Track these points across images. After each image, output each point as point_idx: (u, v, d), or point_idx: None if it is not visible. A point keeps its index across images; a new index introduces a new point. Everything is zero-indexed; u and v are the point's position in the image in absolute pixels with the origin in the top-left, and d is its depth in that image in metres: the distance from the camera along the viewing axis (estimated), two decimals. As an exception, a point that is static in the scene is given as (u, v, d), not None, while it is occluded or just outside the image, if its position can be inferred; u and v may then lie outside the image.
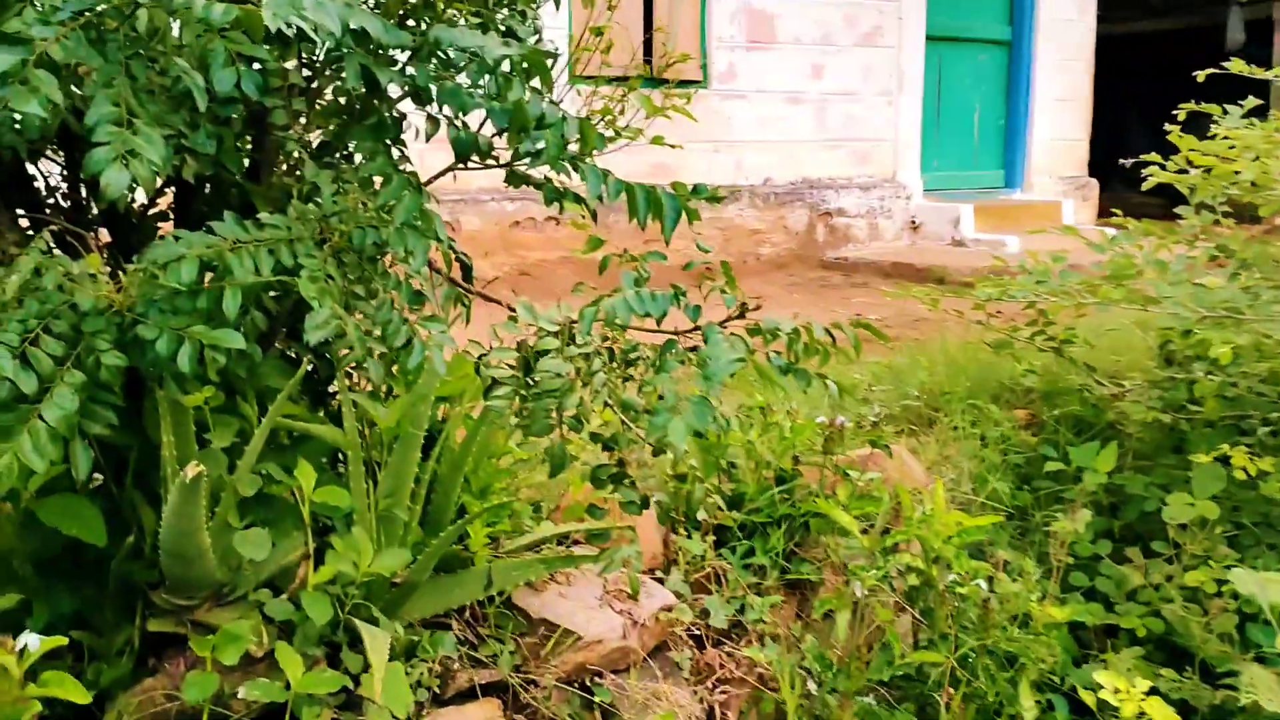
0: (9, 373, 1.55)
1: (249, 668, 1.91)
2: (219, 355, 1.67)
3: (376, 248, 1.85)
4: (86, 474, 1.70)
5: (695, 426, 1.45)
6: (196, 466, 1.67)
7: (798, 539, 2.79)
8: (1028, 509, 3.54)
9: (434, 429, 2.38)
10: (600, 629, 2.30)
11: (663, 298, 1.65)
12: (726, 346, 1.51)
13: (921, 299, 4.07)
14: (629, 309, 1.63)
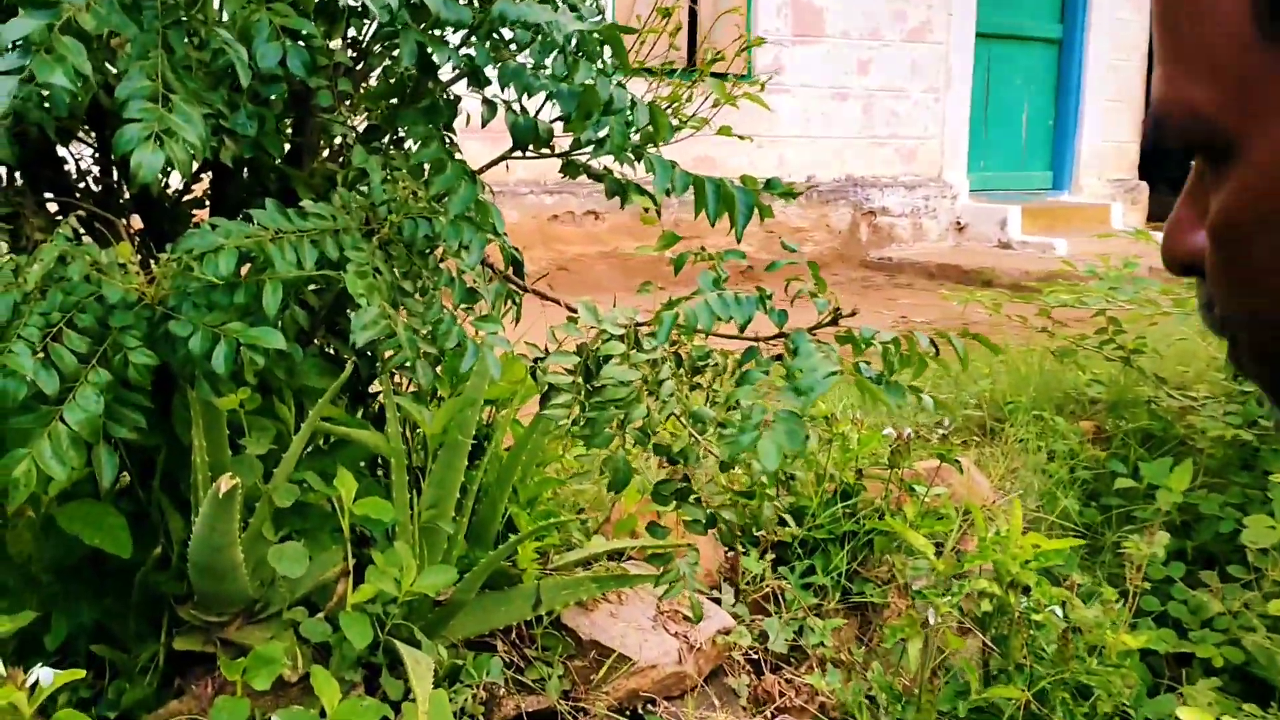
0: (28, 371, 1.41)
1: (281, 692, 1.77)
2: (257, 355, 1.53)
3: (428, 241, 1.70)
4: (112, 481, 1.56)
5: (786, 447, 1.29)
6: (231, 479, 1.53)
7: (861, 558, 2.63)
8: (1096, 527, 3.36)
9: (480, 435, 2.24)
10: (654, 653, 2.15)
11: (748, 301, 1.50)
12: (820, 357, 1.36)
13: (984, 303, 3.89)
14: (710, 313, 1.47)
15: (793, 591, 2.50)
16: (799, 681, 2.37)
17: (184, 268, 1.52)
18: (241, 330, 1.52)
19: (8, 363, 1.41)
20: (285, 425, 1.90)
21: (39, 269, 1.44)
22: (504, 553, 1.94)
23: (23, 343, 1.44)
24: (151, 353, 1.53)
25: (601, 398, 1.62)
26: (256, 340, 1.52)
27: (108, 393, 1.51)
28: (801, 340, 1.43)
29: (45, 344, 1.46)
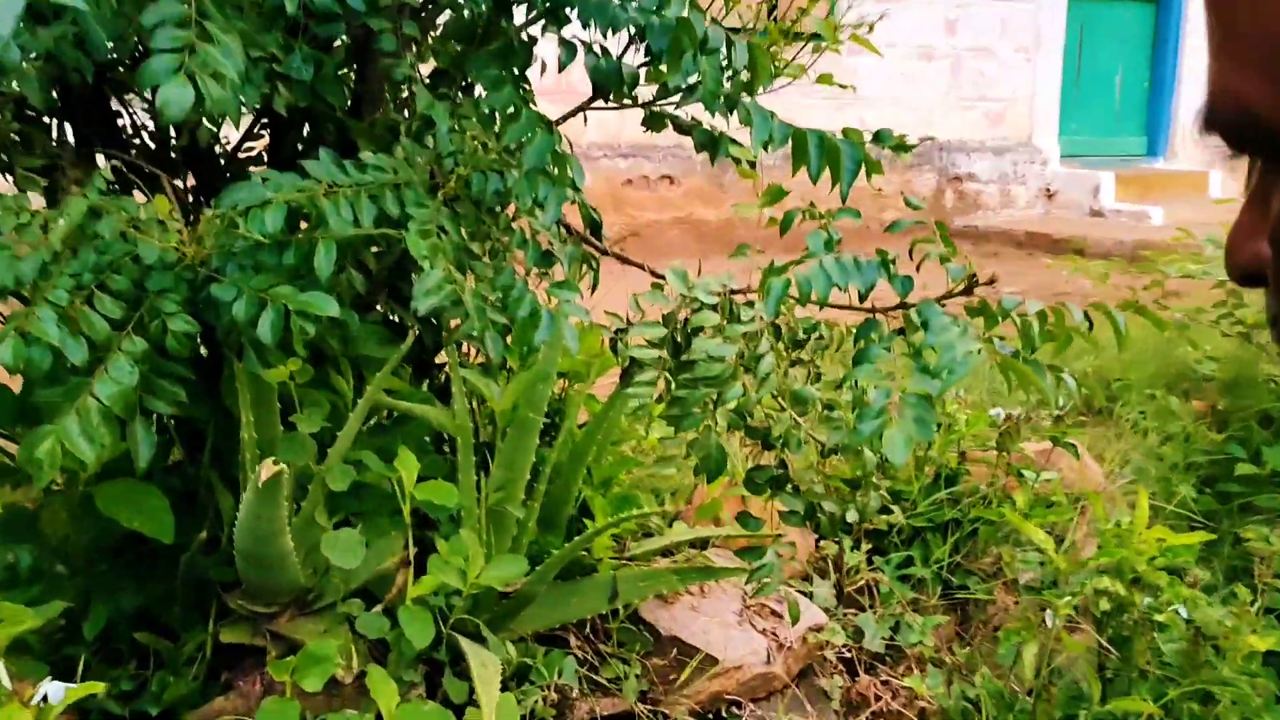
0: (53, 339, 1.26)
1: (335, 691, 1.62)
2: (308, 324, 1.36)
3: (499, 197, 1.52)
4: (148, 462, 1.41)
5: (916, 438, 1.09)
6: (275, 465, 1.37)
7: (963, 549, 2.41)
8: (1214, 516, 3.10)
9: (552, 411, 2.06)
10: (741, 652, 1.97)
11: (869, 265, 1.29)
12: (957, 332, 1.15)
13: (1089, 274, 3.62)
14: (827, 279, 1.27)
15: (889, 584, 2.29)
16: (896, 684, 2.17)
17: (228, 225, 1.35)
18: (291, 295, 1.36)
19: (32, 329, 1.26)
20: (342, 398, 1.74)
21: (65, 224, 1.29)
22: (581, 544, 1.76)
23: (49, 307, 1.28)
24: (192, 319, 1.37)
25: (692, 375, 1.43)
26: (307, 306, 1.35)
27: (143, 363, 1.36)
28: (932, 312, 1.23)
29: (75, 309, 1.30)
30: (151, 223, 1.40)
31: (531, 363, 1.99)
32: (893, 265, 1.30)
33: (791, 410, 1.52)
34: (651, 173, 6.44)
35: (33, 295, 1.31)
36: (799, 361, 1.60)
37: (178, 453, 2.00)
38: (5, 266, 1.27)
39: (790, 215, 1.45)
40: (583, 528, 2.04)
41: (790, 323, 1.59)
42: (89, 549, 1.69)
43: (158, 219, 1.40)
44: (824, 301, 1.29)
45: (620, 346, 1.59)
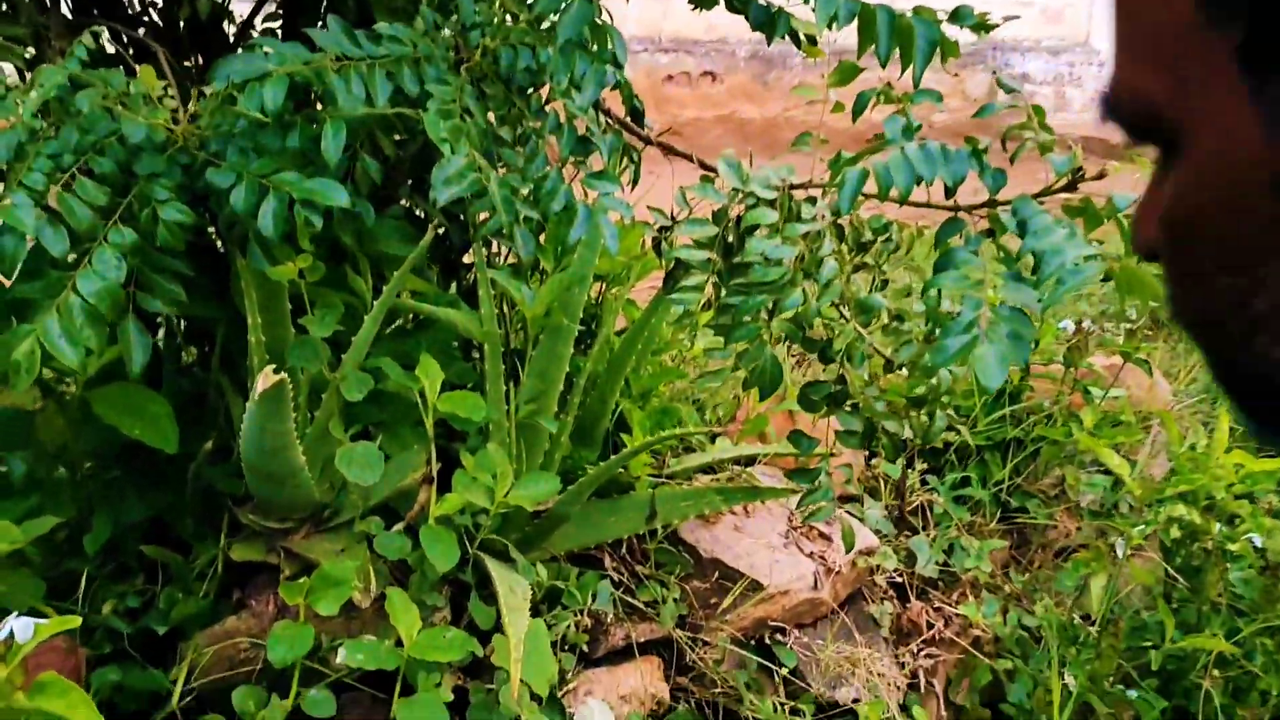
0: (28, 228, 1.11)
1: (353, 614, 1.51)
2: (314, 215, 1.21)
3: (530, 75, 1.35)
4: (142, 366, 1.28)
5: (1012, 359, 0.94)
6: (271, 376, 1.23)
7: (1023, 469, 2.26)
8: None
9: (587, 316, 1.91)
10: (786, 576, 1.84)
11: (958, 155, 1.12)
12: (1063, 235, 0.98)
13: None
14: (910, 170, 1.10)
15: (944, 506, 2.15)
16: (949, 610, 2.05)
17: (223, 100, 1.19)
18: (295, 183, 1.20)
19: (5, 217, 1.12)
20: (360, 300, 1.59)
21: (37, 95, 1.13)
22: (619, 463, 1.63)
23: (24, 191, 1.14)
24: (186, 208, 1.22)
25: (745, 280, 1.27)
26: (312, 195, 1.20)
27: (134, 257, 1.21)
28: (1031, 211, 1.05)
29: (53, 194, 1.16)
30: (138, 99, 1.24)
31: (566, 264, 1.84)
32: (984, 155, 1.13)
33: (855, 321, 1.36)
34: (693, 68, 6.18)
35: (7, 178, 1.17)
36: (863, 266, 1.43)
37: (189, 354, 1.88)
38: (-29, 145, 1.12)
39: (865, 96, 1.27)
40: (619, 442, 1.91)
41: (854, 222, 1.42)
42: (90, 456, 1.57)
43: (145, 94, 1.25)
44: (905, 196, 1.12)
45: (664, 246, 1.43)
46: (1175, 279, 0.46)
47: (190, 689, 1.47)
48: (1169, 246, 0.45)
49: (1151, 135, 0.44)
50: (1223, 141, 0.40)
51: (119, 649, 1.54)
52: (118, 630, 1.54)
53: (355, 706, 1.48)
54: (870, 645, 1.91)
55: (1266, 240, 0.40)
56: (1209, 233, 0.42)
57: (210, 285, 1.61)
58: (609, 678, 1.67)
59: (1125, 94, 0.44)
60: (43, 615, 1.26)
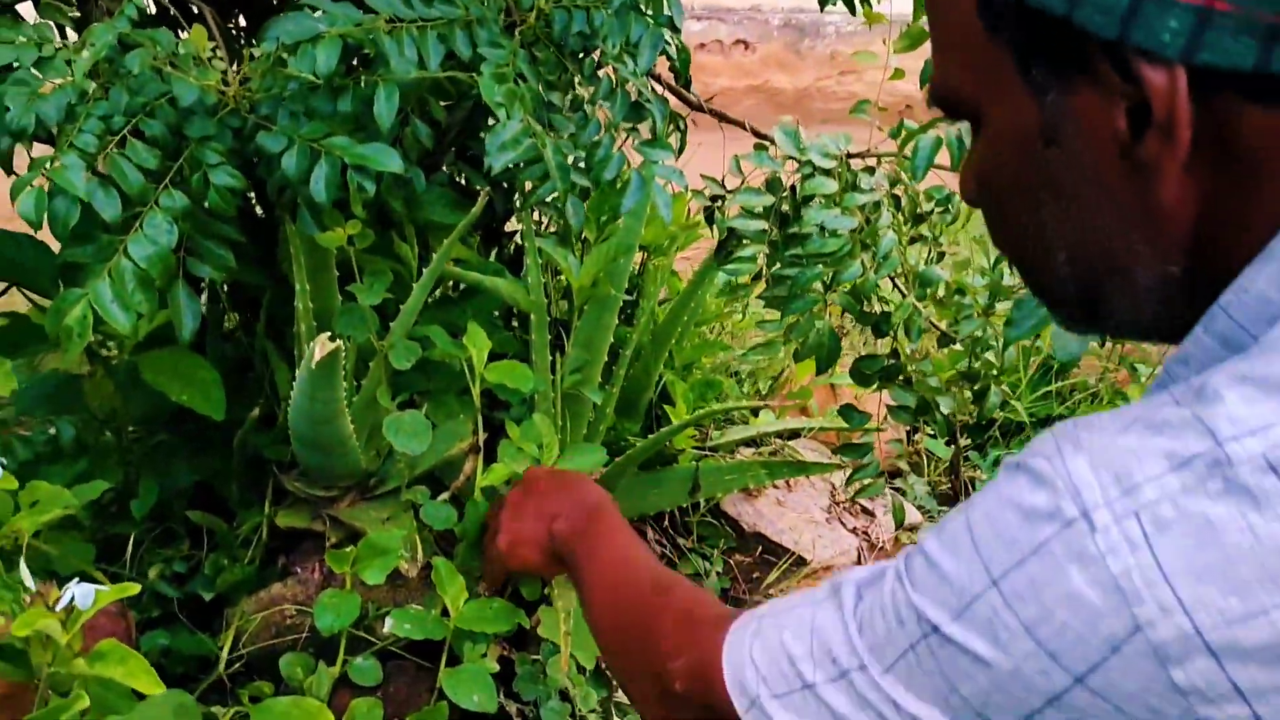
0: (80, 191, 1.10)
1: (399, 582, 1.51)
2: (366, 181, 1.20)
3: (583, 39, 1.32)
4: (192, 333, 1.27)
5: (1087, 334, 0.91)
6: (327, 344, 1.22)
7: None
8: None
9: (630, 287, 1.89)
10: (830, 551, 1.83)
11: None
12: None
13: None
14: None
15: (986, 482, 2.13)
16: (991, 588, 2.03)
17: (274, 62, 1.18)
18: (347, 148, 1.19)
19: (56, 179, 1.11)
20: (406, 268, 1.58)
21: (89, 55, 1.12)
22: (665, 437, 1.61)
23: (75, 153, 1.13)
24: (237, 172, 1.21)
25: (803, 250, 1.25)
26: (365, 160, 1.18)
27: (185, 221, 1.20)
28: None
29: (106, 155, 1.14)
30: (188, 59, 1.22)
31: (609, 232, 1.81)
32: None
33: (912, 294, 1.33)
34: (726, 37, 6.12)
35: (58, 140, 1.15)
36: (919, 238, 1.41)
37: (231, 319, 1.88)
38: (23, 106, 1.11)
39: (931, 66, 1.23)
40: (662, 413, 1.90)
41: (910, 192, 1.40)
42: (138, 421, 1.57)
43: (195, 55, 1.23)
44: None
45: (717, 216, 1.41)
46: (990, 221, 0.60)
47: (237, 655, 1.48)
48: (982, 196, 0.60)
49: (961, 113, 0.58)
50: (1010, 113, 0.54)
51: (165, 613, 1.55)
52: (164, 595, 1.55)
53: (401, 675, 1.48)
54: (912, 621, 1.90)
55: (1042, 178, 0.54)
56: (1005, 181, 0.56)
57: (256, 251, 1.60)
58: (651, 650, 1.66)
59: (940, 84, 0.58)
60: (92, 579, 1.26)
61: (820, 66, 6.47)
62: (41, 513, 1.08)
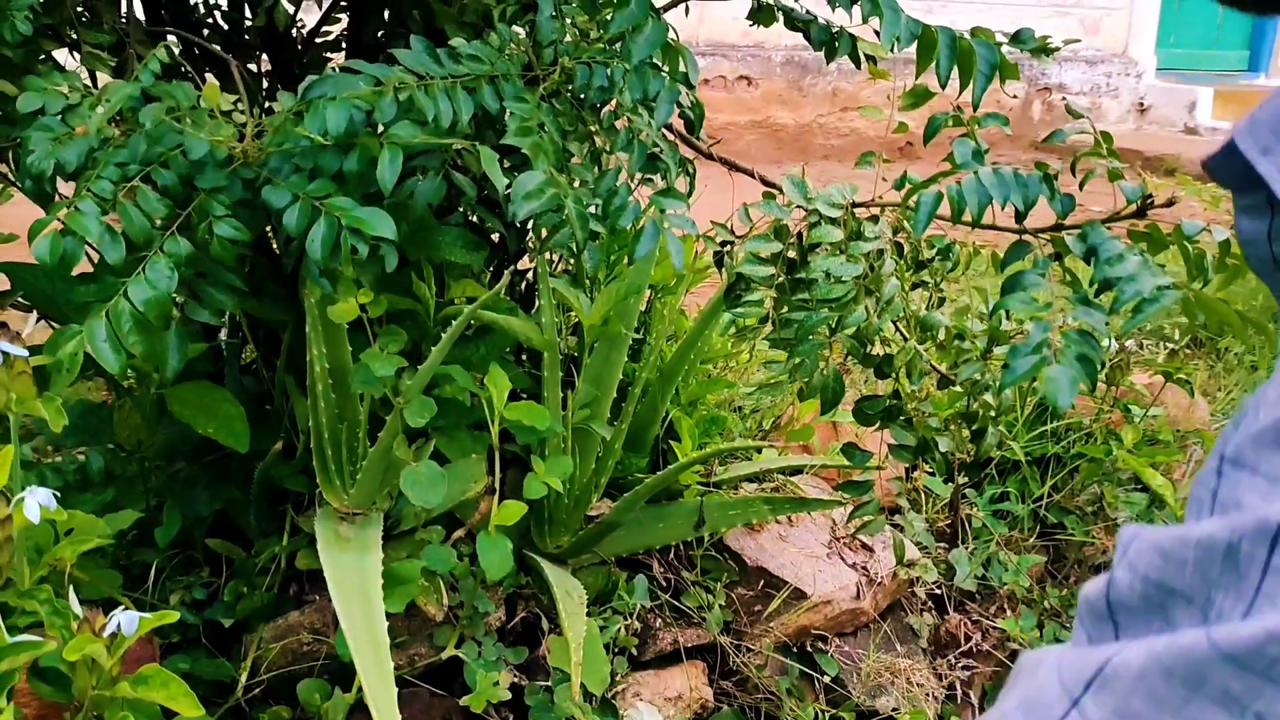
0: (91, 235, 1.15)
1: (415, 610, 1.55)
2: (360, 243, 1.24)
3: (602, 93, 1.38)
4: (177, 370, 1.31)
5: (1081, 380, 0.97)
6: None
7: (1060, 485, 2.28)
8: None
9: (638, 325, 1.95)
10: (829, 586, 1.87)
11: (1032, 179, 1.15)
12: (1138, 263, 1.01)
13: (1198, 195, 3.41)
14: (983, 193, 1.13)
15: (982, 520, 2.18)
16: (986, 623, 2.08)
17: (287, 119, 1.23)
18: (345, 210, 1.23)
19: (69, 222, 1.16)
20: (424, 305, 1.63)
21: (104, 110, 1.17)
22: (674, 474, 1.67)
23: (92, 199, 1.18)
24: (241, 225, 1.25)
25: (809, 295, 1.31)
26: (361, 224, 1.22)
27: (188, 267, 1.25)
28: (1100, 237, 1.08)
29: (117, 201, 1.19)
30: (203, 113, 1.28)
31: (619, 272, 1.87)
32: (1055, 181, 1.16)
33: (914, 338, 1.39)
34: (729, 73, 6.21)
35: (77, 185, 1.21)
36: (920, 284, 1.47)
37: (250, 353, 1.93)
38: (45, 150, 1.16)
39: (937, 120, 1.30)
40: (668, 448, 1.95)
41: (911, 240, 1.46)
42: (162, 452, 1.62)
43: (210, 110, 1.29)
44: (978, 219, 1.15)
45: (726, 261, 1.46)
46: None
47: (257, 681, 1.52)
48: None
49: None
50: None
51: (186, 639, 1.59)
52: (185, 620, 1.59)
53: (415, 701, 1.52)
54: (910, 656, 1.94)
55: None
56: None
57: (277, 289, 1.66)
58: (656, 680, 1.70)
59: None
60: (119, 605, 1.31)
61: (821, 103, 6.57)
62: (81, 541, 1.13)
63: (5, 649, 0.92)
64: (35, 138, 1.20)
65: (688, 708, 1.71)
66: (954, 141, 1.19)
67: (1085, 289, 1.06)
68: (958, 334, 1.38)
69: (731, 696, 1.79)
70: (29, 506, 1.00)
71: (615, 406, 1.80)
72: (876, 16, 1.51)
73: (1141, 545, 0.46)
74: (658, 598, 1.78)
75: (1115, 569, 0.48)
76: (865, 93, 6.41)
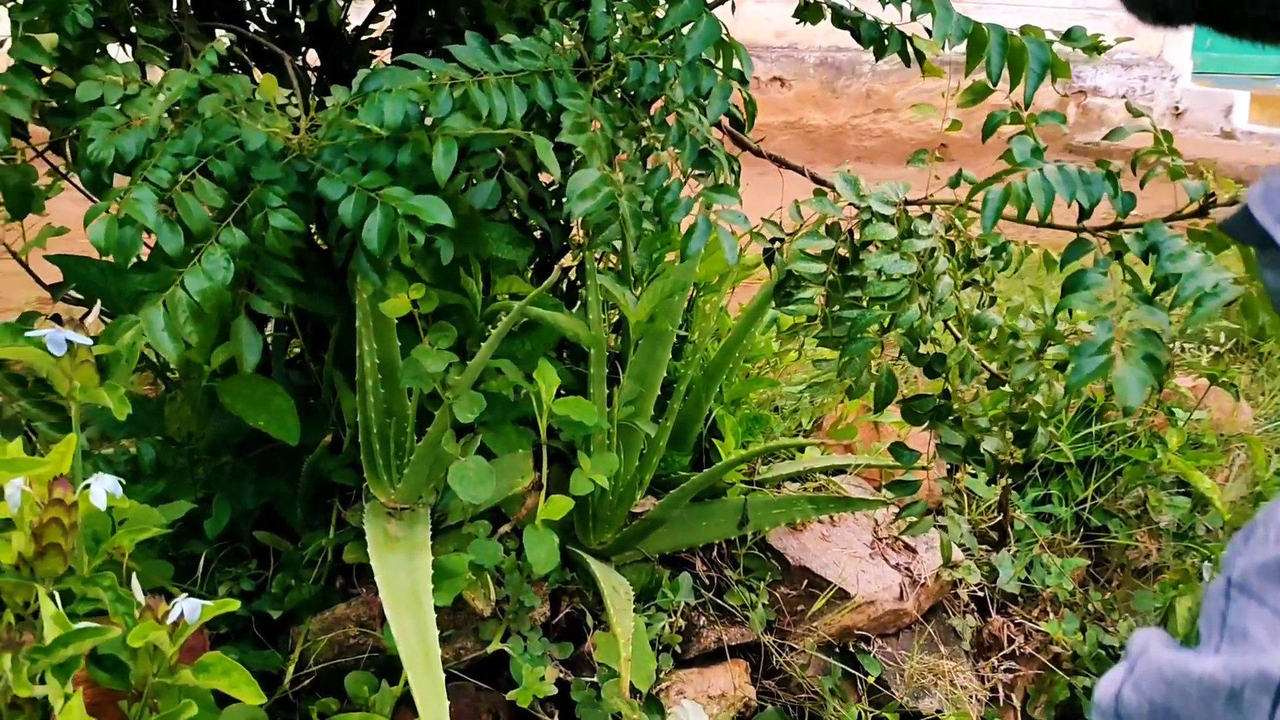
0: (150, 222, 1.16)
1: (461, 604, 1.56)
2: (416, 231, 1.24)
3: (654, 89, 1.38)
4: (254, 365, 1.32)
5: (1149, 380, 0.96)
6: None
7: (1104, 488, 2.27)
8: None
9: (683, 321, 1.95)
10: (873, 587, 1.87)
11: (1096, 177, 1.14)
12: (1199, 260, 1.00)
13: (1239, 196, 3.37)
14: (1049, 191, 1.12)
15: (1025, 522, 2.17)
16: (1029, 626, 2.06)
17: (341, 112, 1.24)
18: (402, 199, 1.24)
19: (128, 210, 1.17)
20: (471, 300, 1.64)
21: (163, 100, 1.18)
22: (719, 473, 1.66)
23: (149, 188, 1.19)
24: (295, 216, 1.26)
25: (863, 294, 1.30)
26: (418, 212, 1.23)
27: (244, 259, 1.26)
28: (1161, 235, 1.08)
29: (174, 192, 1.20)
30: (259, 105, 1.29)
31: (662, 270, 1.87)
32: (1118, 178, 1.15)
33: (966, 337, 1.38)
34: (762, 74, 6.20)
35: (133, 173, 1.22)
36: (972, 283, 1.46)
37: (295, 346, 1.94)
38: (104, 140, 1.18)
39: (996, 117, 1.29)
40: (711, 446, 1.95)
41: (964, 239, 1.45)
42: (211, 444, 1.63)
43: (265, 102, 1.30)
44: (1044, 215, 1.14)
45: (777, 258, 1.46)
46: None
47: (305, 673, 1.53)
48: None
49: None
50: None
51: (233, 630, 1.60)
52: (233, 612, 1.60)
53: (461, 695, 1.53)
54: (952, 658, 1.93)
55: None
56: None
57: (326, 283, 1.67)
58: (699, 678, 1.70)
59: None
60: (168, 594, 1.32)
61: (855, 104, 6.54)
62: (138, 531, 1.14)
63: (70, 635, 0.92)
64: (95, 127, 1.22)
65: (731, 706, 1.71)
66: (1013, 139, 1.19)
67: (1146, 288, 1.06)
68: (1012, 334, 1.37)
69: (774, 696, 1.78)
70: (95, 493, 1.01)
71: (659, 404, 1.80)
72: (929, 14, 1.50)
73: (1148, 668, 0.50)
74: (701, 595, 1.78)
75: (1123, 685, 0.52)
76: (899, 94, 6.39)
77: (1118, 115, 7.48)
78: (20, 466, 0.96)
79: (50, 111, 1.44)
